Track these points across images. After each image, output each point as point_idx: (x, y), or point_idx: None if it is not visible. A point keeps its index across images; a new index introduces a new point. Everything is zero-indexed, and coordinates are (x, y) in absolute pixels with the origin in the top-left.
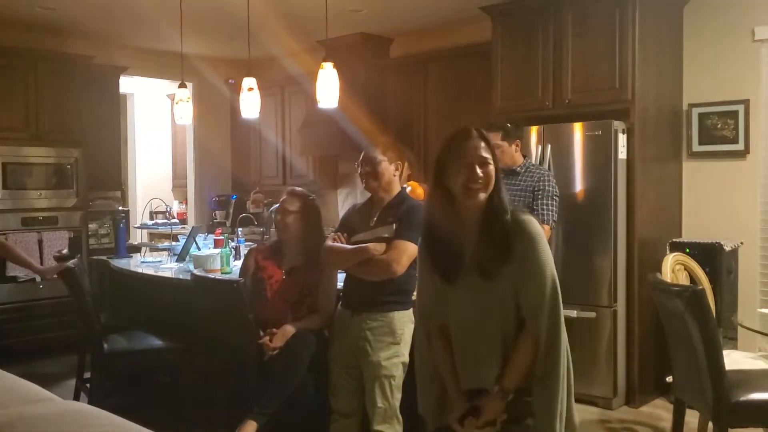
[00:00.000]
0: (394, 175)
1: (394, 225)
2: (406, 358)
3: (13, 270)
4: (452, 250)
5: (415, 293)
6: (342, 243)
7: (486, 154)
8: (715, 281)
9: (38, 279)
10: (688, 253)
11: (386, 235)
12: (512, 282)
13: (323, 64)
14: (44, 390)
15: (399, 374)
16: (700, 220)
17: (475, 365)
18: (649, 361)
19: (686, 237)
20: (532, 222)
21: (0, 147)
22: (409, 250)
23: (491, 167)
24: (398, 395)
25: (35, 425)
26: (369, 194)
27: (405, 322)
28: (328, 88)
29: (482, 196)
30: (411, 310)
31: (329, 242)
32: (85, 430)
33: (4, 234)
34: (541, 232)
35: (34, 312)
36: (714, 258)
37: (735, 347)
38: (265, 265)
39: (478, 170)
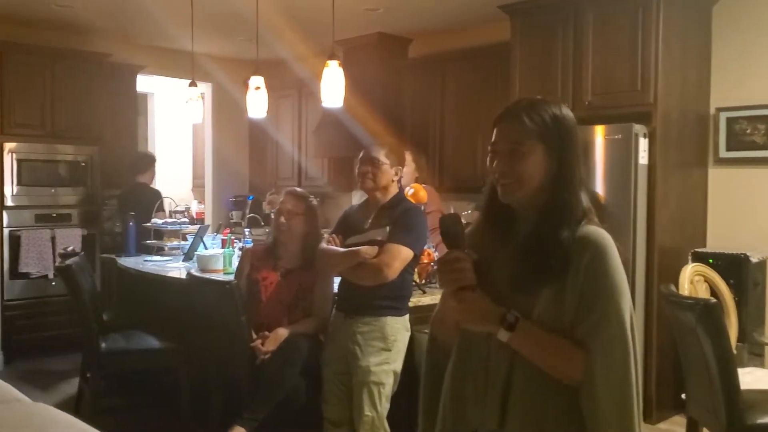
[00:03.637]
0: (393, 180)
1: (388, 228)
2: (398, 367)
3: (25, 266)
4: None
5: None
6: (336, 245)
7: (519, 138)
8: (739, 294)
9: (50, 276)
10: (711, 264)
11: (379, 238)
12: (555, 303)
13: (328, 62)
14: (15, 390)
15: (389, 383)
16: (727, 229)
17: (466, 401)
18: (667, 376)
19: (711, 247)
20: (599, 232)
21: (16, 144)
22: (402, 254)
23: (532, 158)
24: (386, 405)
25: None
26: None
27: (398, 329)
28: (333, 87)
29: (517, 194)
30: (407, 317)
31: (323, 245)
32: None
33: (18, 230)
34: (611, 244)
35: (45, 308)
36: (739, 270)
37: (762, 364)
38: (260, 267)
39: (504, 161)
